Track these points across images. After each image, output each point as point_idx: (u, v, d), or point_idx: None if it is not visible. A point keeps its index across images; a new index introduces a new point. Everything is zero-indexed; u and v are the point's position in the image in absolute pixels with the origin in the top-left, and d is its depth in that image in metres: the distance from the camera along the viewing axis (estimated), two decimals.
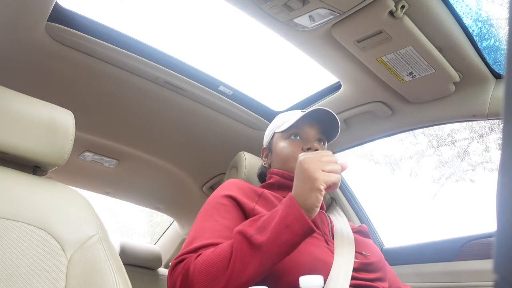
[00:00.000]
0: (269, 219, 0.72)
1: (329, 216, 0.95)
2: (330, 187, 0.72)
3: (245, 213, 0.85)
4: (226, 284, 0.67)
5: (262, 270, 0.68)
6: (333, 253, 0.81)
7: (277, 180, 0.98)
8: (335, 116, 1.00)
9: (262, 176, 1.14)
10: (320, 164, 0.73)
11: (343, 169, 0.75)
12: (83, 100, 1.41)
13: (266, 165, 1.11)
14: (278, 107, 1.57)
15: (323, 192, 0.71)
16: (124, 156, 1.82)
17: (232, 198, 0.86)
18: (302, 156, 0.77)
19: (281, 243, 0.68)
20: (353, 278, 0.78)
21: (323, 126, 1.03)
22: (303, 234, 0.69)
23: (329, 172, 0.72)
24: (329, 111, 0.99)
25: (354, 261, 0.81)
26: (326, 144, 1.06)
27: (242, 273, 0.67)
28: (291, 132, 1.02)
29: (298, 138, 1.01)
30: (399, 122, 1.36)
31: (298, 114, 1.04)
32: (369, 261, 0.85)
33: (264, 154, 1.13)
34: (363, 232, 1.00)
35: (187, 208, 2.23)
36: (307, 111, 1.04)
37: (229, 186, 0.91)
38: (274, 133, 1.08)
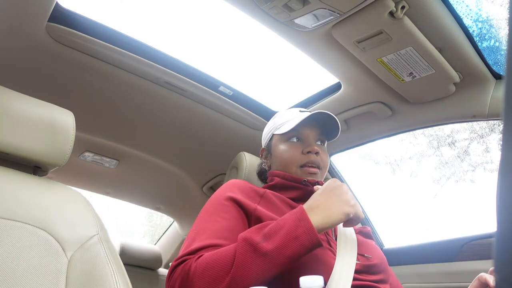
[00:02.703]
0: (277, 227, 0.71)
1: None
2: (350, 220, 0.78)
3: (246, 214, 0.84)
4: (227, 287, 0.66)
5: (263, 278, 0.67)
6: (335, 255, 0.81)
7: (279, 181, 0.97)
8: (335, 117, 0.99)
9: (262, 174, 1.13)
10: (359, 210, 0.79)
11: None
12: (83, 100, 1.41)
13: (266, 167, 1.10)
14: (278, 108, 1.57)
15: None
16: (124, 157, 1.83)
17: (233, 199, 0.85)
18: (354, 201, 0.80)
19: (287, 254, 0.68)
20: (355, 279, 0.78)
21: (323, 126, 1.02)
22: (311, 247, 0.69)
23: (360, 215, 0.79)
24: (329, 114, 0.97)
25: (356, 263, 0.80)
26: (325, 144, 1.05)
27: (243, 280, 0.66)
28: (290, 135, 1.00)
29: (297, 140, 1.00)
30: (399, 123, 1.36)
31: (296, 114, 1.02)
32: (371, 263, 0.85)
33: (263, 155, 1.12)
34: (365, 233, 0.99)
35: (187, 208, 2.23)
36: (305, 111, 1.02)
37: (230, 187, 0.90)
38: (273, 134, 1.06)
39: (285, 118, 1.04)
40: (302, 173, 0.96)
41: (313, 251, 0.78)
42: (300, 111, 1.04)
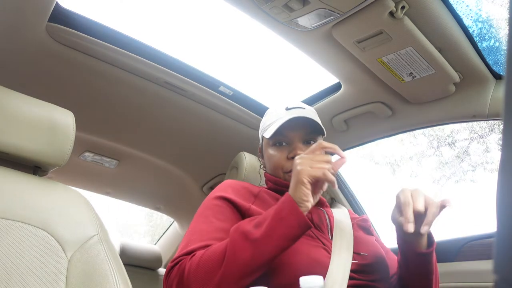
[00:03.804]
0: (266, 215, 0.74)
1: (328, 216, 0.94)
2: (319, 182, 0.75)
3: (241, 214, 0.85)
4: (221, 278, 0.68)
5: (257, 263, 0.68)
6: (330, 254, 0.81)
7: (271, 186, 0.98)
8: (314, 119, 0.94)
9: None
10: (310, 162, 0.75)
11: (337, 167, 0.76)
12: (83, 100, 1.41)
13: (262, 167, 1.10)
14: None
15: (308, 186, 0.73)
16: (124, 157, 1.82)
17: (226, 199, 0.86)
18: (297, 158, 0.79)
19: (277, 236, 0.69)
20: (351, 278, 0.78)
21: (310, 125, 0.96)
22: (298, 227, 0.71)
23: (316, 168, 0.74)
24: (305, 117, 0.93)
25: (352, 263, 0.80)
26: (320, 140, 0.98)
27: (235, 264, 0.67)
28: (276, 139, 0.96)
29: (283, 144, 0.96)
30: (399, 123, 1.36)
31: (281, 114, 0.97)
32: (367, 262, 0.85)
33: (260, 155, 1.11)
34: (365, 228, 0.99)
35: (187, 208, 2.23)
36: (292, 108, 0.97)
37: (224, 188, 0.91)
38: (263, 136, 1.03)
39: (272, 119, 0.99)
40: (290, 179, 0.92)
41: (308, 252, 0.78)
42: (287, 108, 0.98)
